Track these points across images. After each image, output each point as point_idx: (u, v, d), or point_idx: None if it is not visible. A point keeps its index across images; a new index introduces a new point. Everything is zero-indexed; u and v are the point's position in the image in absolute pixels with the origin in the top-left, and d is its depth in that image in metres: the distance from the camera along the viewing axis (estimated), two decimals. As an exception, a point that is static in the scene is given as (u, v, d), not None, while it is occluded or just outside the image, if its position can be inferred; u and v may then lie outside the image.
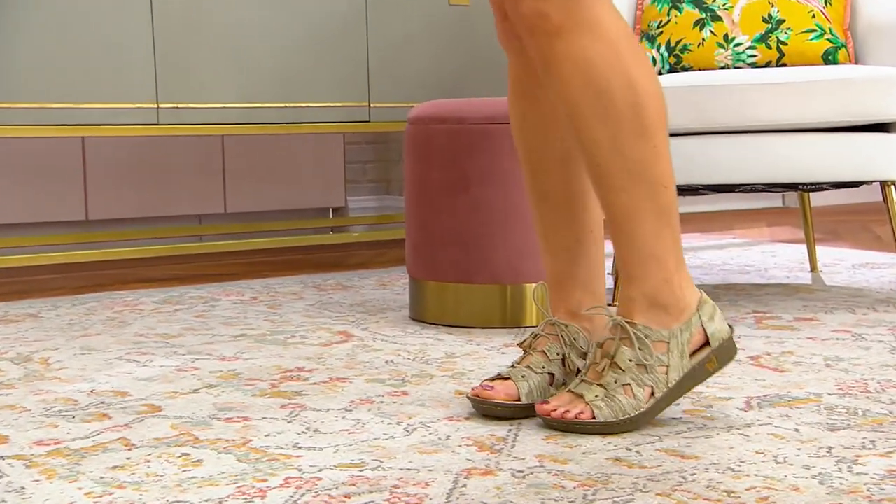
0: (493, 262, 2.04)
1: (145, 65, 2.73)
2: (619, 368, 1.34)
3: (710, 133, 2.19)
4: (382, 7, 3.05)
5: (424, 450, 1.27)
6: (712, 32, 2.39)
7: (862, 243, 3.36)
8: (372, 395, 1.54)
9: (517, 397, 1.40)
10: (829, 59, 2.36)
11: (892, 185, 2.19)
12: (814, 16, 2.38)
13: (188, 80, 2.79)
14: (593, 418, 1.31)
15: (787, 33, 2.36)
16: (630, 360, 1.33)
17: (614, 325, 1.36)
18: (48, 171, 3.16)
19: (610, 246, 1.85)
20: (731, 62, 2.39)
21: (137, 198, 3.29)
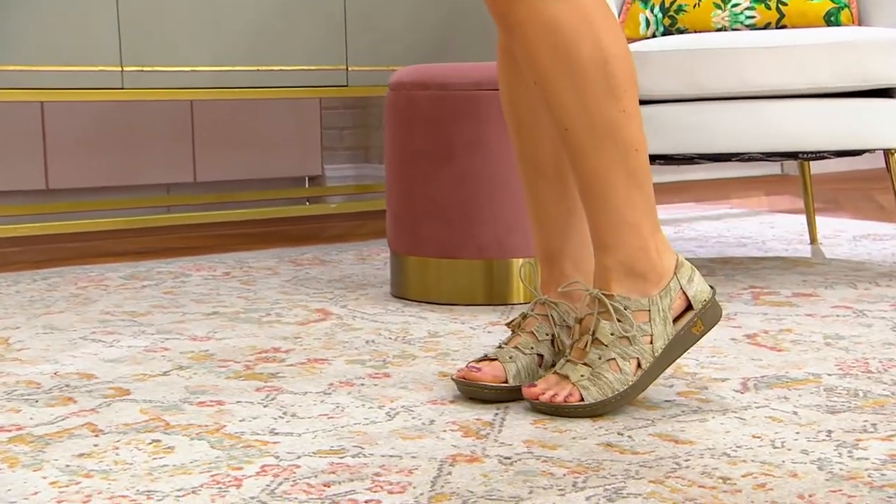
0: (478, 236, 2.04)
1: (108, 24, 2.70)
2: (601, 344, 1.35)
3: (705, 99, 2.19)
4: (360, -36, 3.03)
5: (407, 435, 1.28)
6: (709, -8, 2.39)
7: (864, 213, 3.38)
8: (352, 377, 1.55)
9: (504, 379, 1.40)
10: (831, 20, 2.36)
11: (896, 154, 2.20)
12: (815, -25, 2.38)
13: (154, 42, 2.77)
14: (581, 400, 1.32)
15: (787, -7, 2.36)
16: (612, 334, 1.35)
17: (592, 299, 1.37)
18: (5, 137, 3.14)
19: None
20: (728, 24, 2.39)
21: (101, 166, 3.27)
